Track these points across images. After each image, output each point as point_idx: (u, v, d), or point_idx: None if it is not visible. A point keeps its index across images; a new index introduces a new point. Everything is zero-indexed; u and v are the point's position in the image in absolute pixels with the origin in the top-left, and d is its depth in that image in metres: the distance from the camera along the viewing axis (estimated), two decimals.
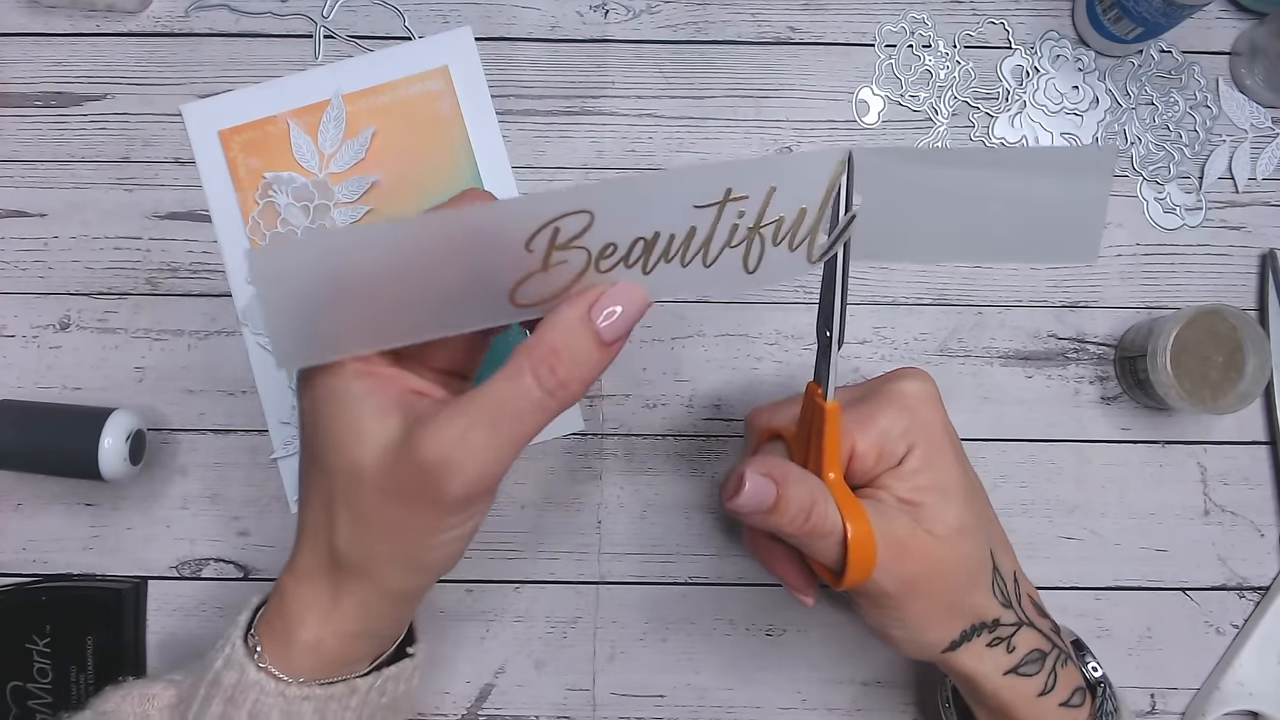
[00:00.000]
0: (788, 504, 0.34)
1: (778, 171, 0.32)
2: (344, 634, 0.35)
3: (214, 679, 0.35)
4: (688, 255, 0.32)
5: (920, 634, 0.38)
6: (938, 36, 0.55)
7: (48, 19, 0.54)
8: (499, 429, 0.31)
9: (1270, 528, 0.52)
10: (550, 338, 0.31)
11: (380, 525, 0.32)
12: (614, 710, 0.51)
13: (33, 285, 0.52)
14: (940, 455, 0.38)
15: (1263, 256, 0.54)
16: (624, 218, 0.31)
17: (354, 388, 0.32)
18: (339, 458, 0.32)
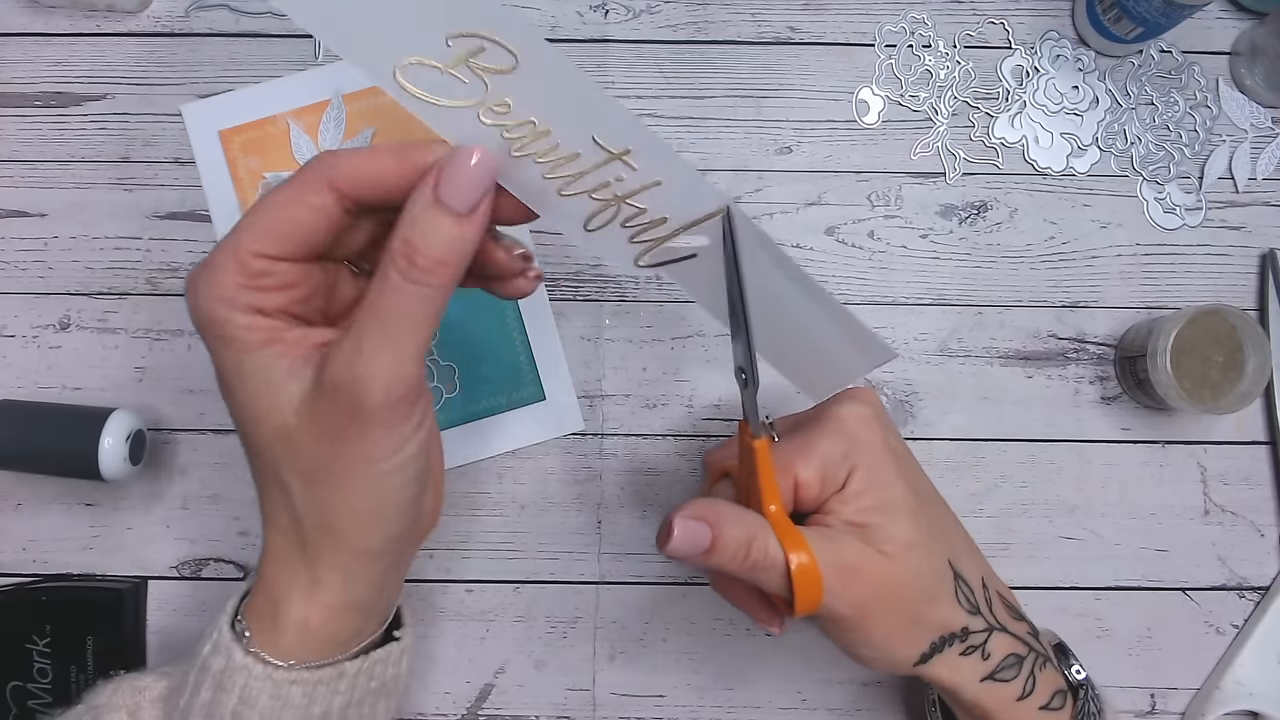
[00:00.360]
0: (725, 543, 0.35)
1: (674, 173, 0.33)
2: (329, 608, 0.35)
3: (202, 665, 0.35)
4: (552, 171, 0.32)
5: (888, 651, 0.38)
6: (938, 36, 0.55)
7: (48, 19, 0.54)
8: (388, 331, 0.31)
9: (1270, 528, 0.52)
10: (402, 231, 0.31)
11: (325, 471, 0.32)
12: (614, 710, 0.51)
13: (33, 285, 0.52)
14: (882, 474, 0.38)
15: (1263, 256, 0.54)
16: (539, 91, 0.31)
17: (259, 359, 0.32)
18: (266, 428, 0.33)
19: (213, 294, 0.32)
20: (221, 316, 0.32)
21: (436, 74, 0.30)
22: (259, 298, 0.32)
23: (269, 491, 0.34)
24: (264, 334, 0.32)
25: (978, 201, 0.54)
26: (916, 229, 0.54)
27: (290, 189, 0.32)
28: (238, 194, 0.52)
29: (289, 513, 0.34)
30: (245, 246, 0.32)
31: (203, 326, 0.33)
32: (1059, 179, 0.54)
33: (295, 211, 0.32)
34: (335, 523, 0.33)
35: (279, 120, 0.53)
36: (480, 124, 0.31)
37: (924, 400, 0.53)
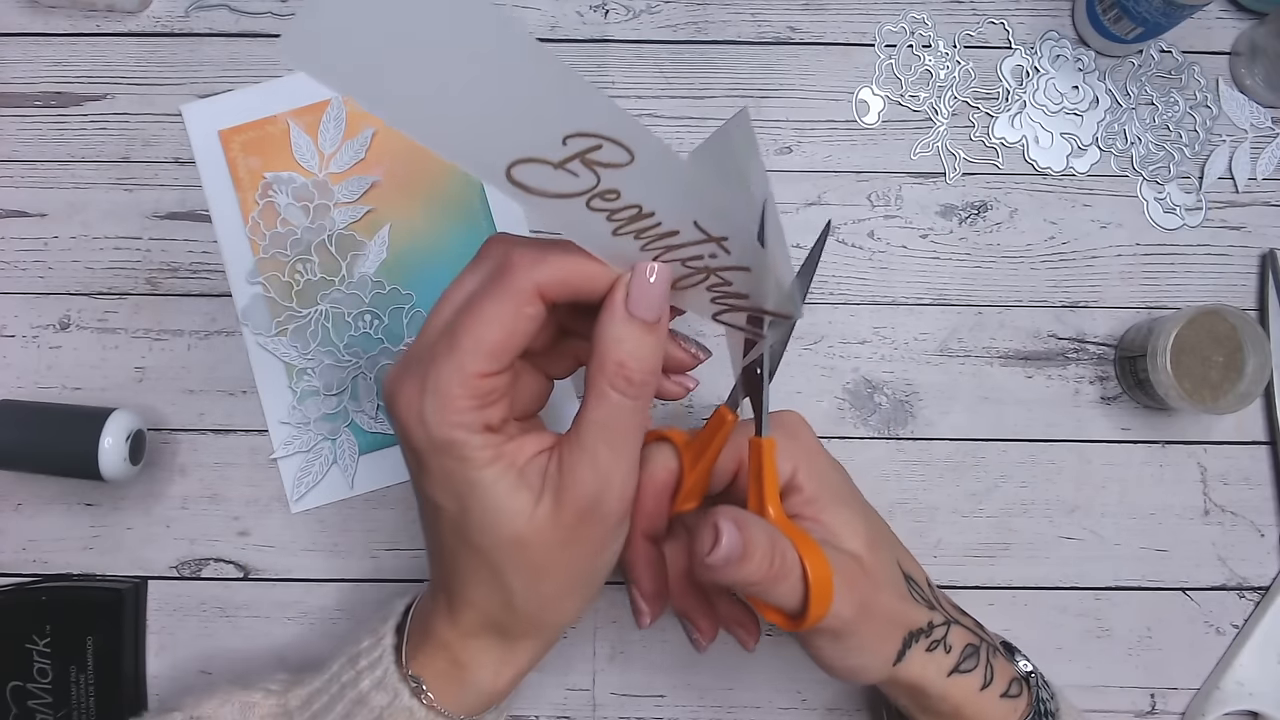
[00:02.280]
0: (753, 550, 0.34)
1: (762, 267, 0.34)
2: (519, 673, 0.38)
3: (359, 697, 0.37)
4: (654, 244, 0.33)
5: (873, 656, 0.38)
6: (938, 36, 0.55)
7: (48, 19, 0.54)
8: (615, 447, 0.34)
9: (1270, 528, 0.52)
10: (611, 353, 0.33)
11: (556, 570, 0.35)
12: (614, 710, 0.51)
13: (33, 285, 0.52)
14: (827, 471, 0.40)
15: (1263, 256, 0.54)
16: (651, 184, 0.31)
17: (488, 474, 0.33)
18: (494, 537, 0.34)
19: (449, 419, 0.33)
20: (460, 439, 0.33)
21: (548, 171, 0.30)
22: (487, 415, 0.33)
23: (479, 583, 0.36)
24: (493, 451, 0.34)
25: (978, 201, 0.54)
26: (916, 229, 0.54)
27: (505, 303, 0.33)
28: (238, 194, 0.52)
29: (502, 603, 0.36)
30: (473, 370, 0.32)
31: (436, 447, 0.33)
32: (1059, 179, 0.54)
33: (515, 326, 0.33)
34: (549, 608, 0.36)
35: (279, 120, 0.53)
36: (590, 211, 0.32)
37: (924, 400, 0.53)
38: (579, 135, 0.29)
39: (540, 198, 0.31)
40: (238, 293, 0.52)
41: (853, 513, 0.39)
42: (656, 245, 0.33)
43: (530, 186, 0.31)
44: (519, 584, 0.35)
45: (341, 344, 0.52)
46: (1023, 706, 0.40)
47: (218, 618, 0.51)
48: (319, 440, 0.51)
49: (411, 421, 0.33)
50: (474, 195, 0.53)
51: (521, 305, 0.33)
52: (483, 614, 0.36)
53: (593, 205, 0.32)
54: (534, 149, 0.30)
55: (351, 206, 0.52)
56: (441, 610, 0.37)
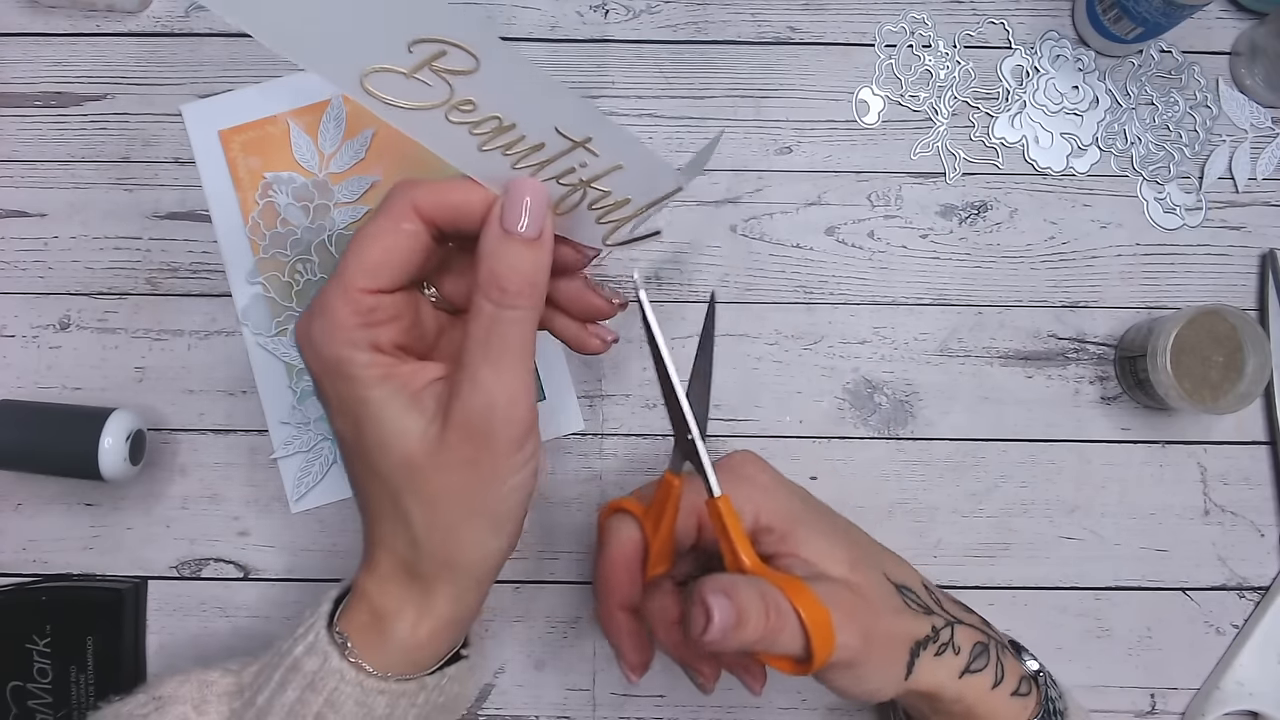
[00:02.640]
0: (748, 613, 0.33)
1: (633, 156, 0.34)
2: (437, 625, 0.36)
3: (293, 664, 0.36)
4: (520, 162, 0.34)
5: (885, 676, 0.38)
6: (938, 36, 0.55)
7: (48, 19, 0.54)
8: (495, 362, 0.33)
9: (1270, 528, 0.52)
10: (486, 266, 0.33)
11: (451, 499, 0.34)
12: (614, 710, 0.51)
13: (33, 285, 0.52)
14: (789, 504, 0.40)
15: (1263, 256, 0.54)
16: (501, 89, 0.32)
17: (380, 393, 0.34)
18: (389, 457, 0.34)
19: (333, 337, 0.34)
20: (345, 356, 0.34)
21: (401, 79, 0.31)
22: (373, 334, 0.34)
23: (384, 517, 0.36)
24: (382, 370, 0.34)
25: (978, 201, 0.54)
26: (916, 229, 0.54)
27: (381, 220, 0.34)
28: (238, 194, 0.52)
29: (406, 536, 0.35)
30: (354, 285, 0.33)
31: (326, 368, 0.34)
32: (1059, 179, 0.54)
33: (392, 241, 0.34)
34: (455, 546, 0.35)
35: (279, 120, 0.53)
36: (448, 124, 0.32)
37: (924, 400, 0.53)
38: (422, 41, 0.30)
39: (399, 110, 0.32)
40: (238, 293, 0.52)
41: (828, 539, 0.39)
42: (527, 163, 0.34)
43: (385, 98, 0.31)
44: (416, 511, 0.34)
45: None
46: (1032, 705, 0.40)
47: (218, 618, 0.51)
48: (319, 440, 0.51)
49: (304, 345, 0.34)
50: None
51: (398, 222, 0.34)
52: (392, 552, 0.36)
53: (451, 118, 0.32)
54: (383, 57, 0.30)
55: (351, 206, 0.52)
56: (364, 559, 0.37)
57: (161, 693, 0.38)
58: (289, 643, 0.37)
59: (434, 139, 0.33)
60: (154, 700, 0.38)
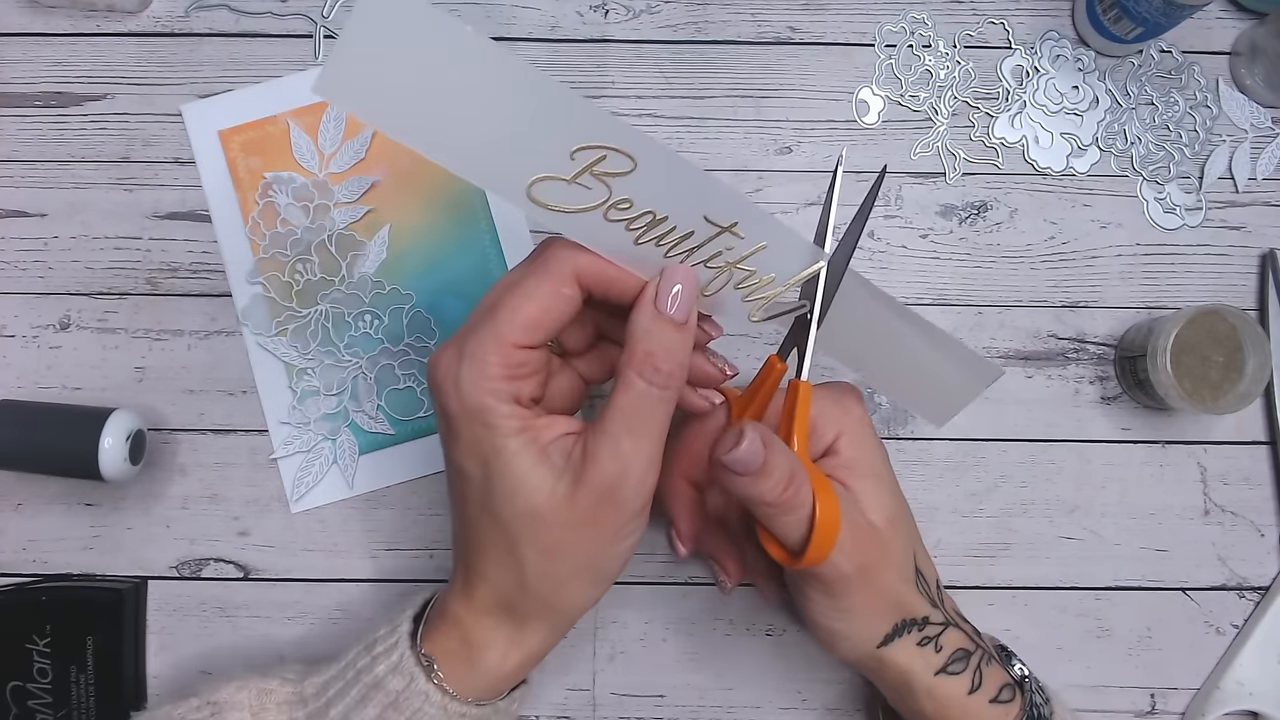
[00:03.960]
0: (772, 469, 0.35)
1: (777, 236, 0.36)
2: (528, 658, 0.38)
3: (375, 682, 0.37)
4: (671, 251, 0.36)
5: (861, 626, 0.39)
6: (938, 36, 0.55)
7: (48, 19, 0.54)
8: (637, 434, 0.35)
9: (1270, 528, 0.52)
10: (641, 345, 0.35)
11: (568, 552, 0.36)
12: (614, 710, 0.51)
13: (33, 285, 0.52)
14: (868, 446, 0.41)
15: (1263, 256, 0.54)
16: (656, 185, 0.34)
17: (513, 444, 0.35)
18: (512, 507, 0.35)
19: (481, 386, 0.35)
20: (489, 405, 0.35)
21: (563, 186, 0.33)
22: (516, 387, 0.35)
23: (492, 557, 0.37)
24: (520, 422, 0.35)
25: (978, 201, 0.54)
26: (916, 229, 0.54)
27: (543, 281, 0.35)
28: (238, 194, 0.52)
29: (514, 579, 0.37)
30: (509, 338, 0.35)
31: (467, 411, 0.35)
32: (1059, 179, 0.54)
33: (551, 303, 0.35)
34: (561, 594, 0.37)
35: (279, 120, 0.53)
36: (606, 222, 0.35)
37: None
38: (584, 149, 0.32)
39: (562, 214, 0.34)
40: (238, 293, 0.52)
41: (883, 489, 0.40)
42: (678, 251, 0.36)
43: (550, 204, 0.34)
44: (532, 559, 0.36)
45: (341, 344, 0.52)
46: (1015, 711, 0.40)
47: (218, 618, 0.51)
48: (319, 440, 0.51)
49: (448, 386, 0.35)
50: (474, 195, 0.53)
51: (559, 285, 0.35)
52: (496, 590, 0.37)
53: (610, 216, 0.34)
54: (547, 166, 0.33)
55: (351, 206, 0.52)
56: (458, 586, 0.38)
57: (218, 699, 0.38)
58: (367, 659, 0.38)
59: (594, 238, 0.35)
60: (209, 705, 0.38)
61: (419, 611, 0.40)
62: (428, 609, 0.40)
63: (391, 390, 0.51)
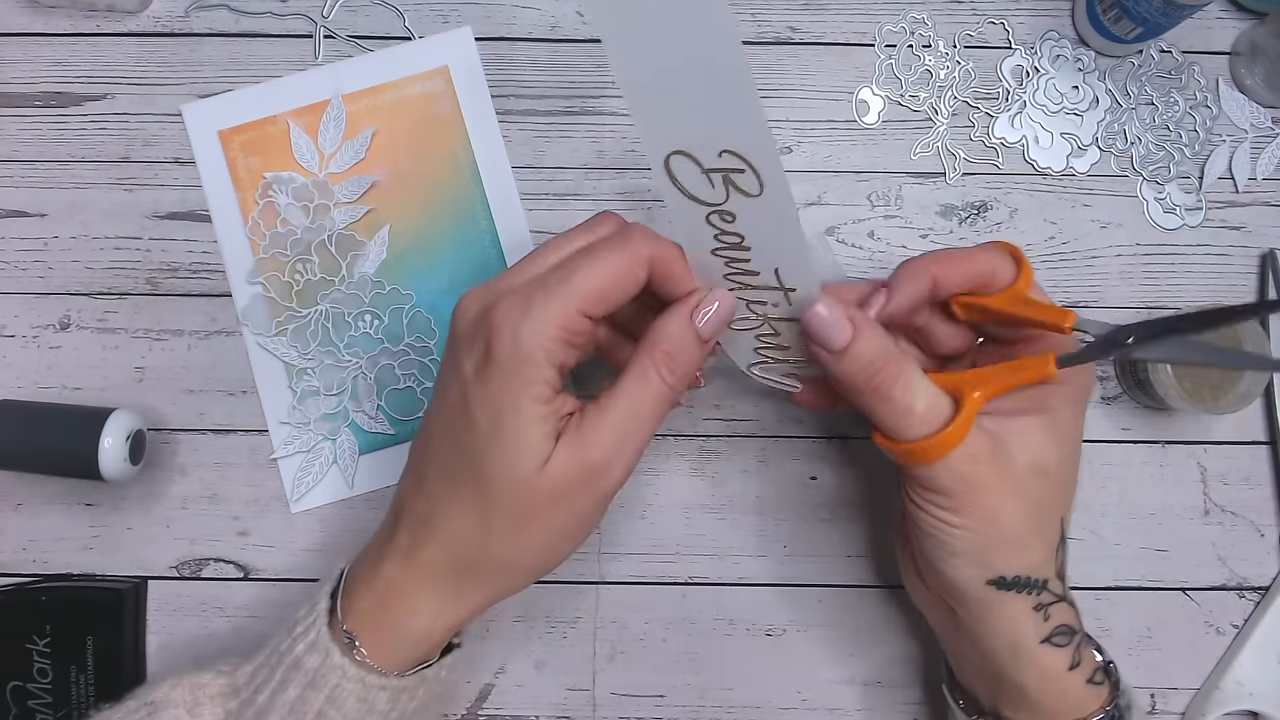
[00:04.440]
0: (857, 354, 0.36)
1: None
2: (454, 625, 0.38)
3: (294, 662, 0.36)
4: (735, 275, 0.38)
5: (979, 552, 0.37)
6: (938, 36, 0.55)
7: (48, 19, 0.54)
8: (639, 423, 0.36)
9: (1270, 528, 0.52)
10: (665, 344, 0.37)
11: (540, 523, 0.36)
12: (614, 710, 0.51)
13: (33, 285, 0.52)
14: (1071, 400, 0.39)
15: (1263, 256, 0.54)
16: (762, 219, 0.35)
17: (538, 409, 0.35)
18: (504, 468, 0.35)
19: (539, 339, 0.34)
20: (538, 361, 0.35)
21: (695, 171, 0.34)
22: (565, 354, 0.35)
23: (462, 516, 0.36)
24: (551, 389, 0.35)
25: (978, 201, 0.54)
26: (916, 229, 0.54)
27: (623, 258, 0.36)
28: (238, 194, 0.52)
29: (476, 541, 0.36)
30: (580, 302, 0.35)
31: (515, 361, 0.34)
32: (1059, 179, 0.54)
33: (624, 282, 0.36)
34: (519, 560, 0.37)
35: (279, 120, 0.53)
36: (705, 222, 0.36)
37: None
38: (732, 153, 0.34)
39: (679, 194, 0.35)
40: (238, 293, 0.52)
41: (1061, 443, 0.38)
42: (737, 279, 0.38)
43: (677, 179, 0.35)
44: (501, 524, 0.36)
45: (341, 344, 0.52)
46: (1105, 694, 0.40)
47: (218, 618, 0.51)
48: (319, 440, 0.51)
49: (505, 330, 0.34)
50: (474, 195, 0.53)
51: (634, 266, 0.36)
52: (449, 550, 0.36)
53: (710, 219, 0.36)
54: (695, 146, 0.34)
55: (351, 206, 0.52)
56: (398, 546, 0.37)
57: (153, 698, 0.38)
58: (287, 641, 0.37)
59: (686, 228, 0.37)
60: (146, 706, 0.38)
61: (335, 586, 0.39)
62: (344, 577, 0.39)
63: (391, 390, 0.51)
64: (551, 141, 0.54)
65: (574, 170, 0.53)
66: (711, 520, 0.52)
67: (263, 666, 0.38)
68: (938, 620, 0.43)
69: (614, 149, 0.53)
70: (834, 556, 0.52)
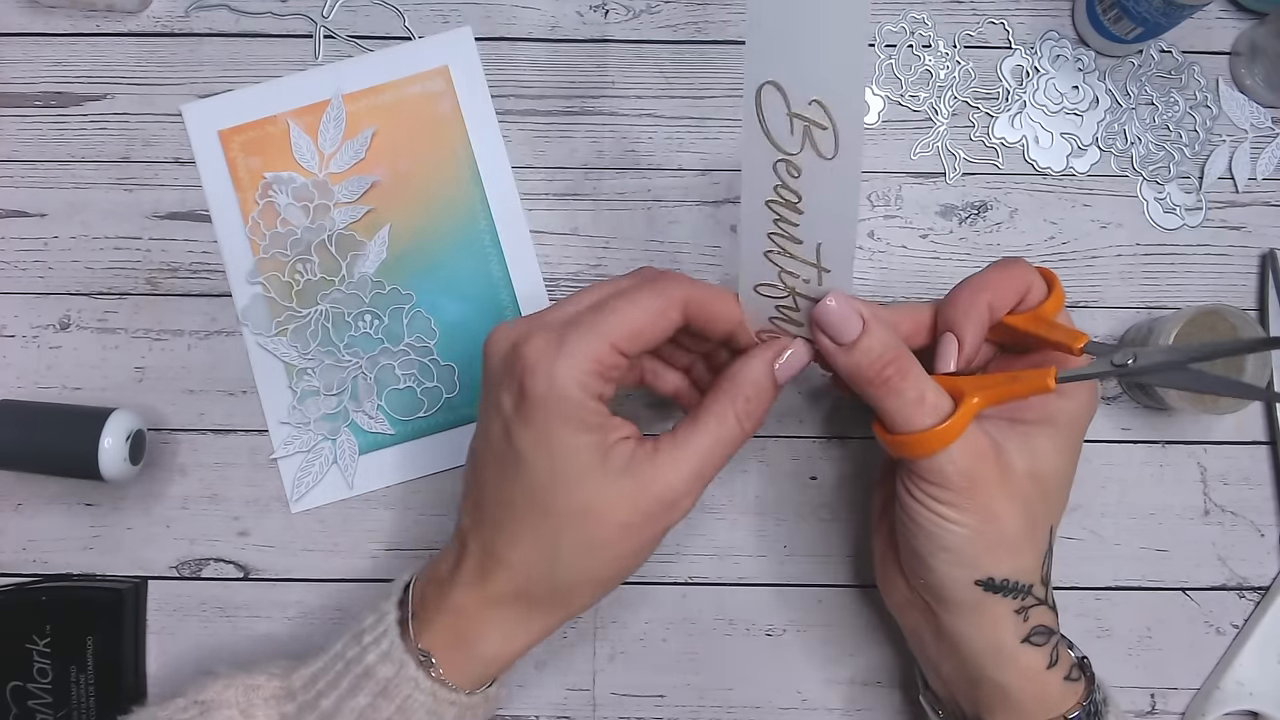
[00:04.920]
0: (866, 348, 0.37)
1: None
2: (523, 649, 0.39)
3: (365, 670, 0.37)
4: (777, 237, 0.37)
5: (972, 550, 0.37)
6: (938, 36, 0.55)
7: (48, 19, 0.54)
8: (709, 461, 0.37)
9: (1270, 528, 0.52)
10: (747, 389, 0.38)
11: (610, 551, 0.37)
12: (614, 710, 0.51)
13: (33, 285, 0.52)
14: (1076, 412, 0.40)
15: (1263, 256, 0.54)
16: (824, 184, 0.35)
17: (587, 440, 0.36)
18: (570, 500, 0.36)
19: (575, 377, 0.36)
20: (575, 398, 0.36)
21: (781, 108, 0.34)
22: (602, 387, 0.37)
23: (532, 546, 0.37)
24: (598, 419, 0.36)
25: (978, 201, 0.54)
26: (916, 229, 0.54)
27: (656, 301, 0.37)
28: (238, 194, 0.52)
29: (546, 570, 0.37)
30: (614, 341, 0.36)
31: (554, 400, 0.36)
32: (1059, 179, 0.54)
33: (657, 322, 0.37)
34: (587, 586, 0.38)
35: (279, 120, 0.53)
36: (770, 169, 0.35)
37: None
38: (820, 104, 0.33)
39: (758, 128, 0.34)
40: (238, 293, 0.52)
41: (1060, 454, 0.39)
42: (779, 239, 0.37)
43: (763, 111, 0.34)
44: (570, 553, 0.37)
45: (341, 344, 0.52)
46: (1081, 690, 0.40)
47: (218, 618, 0.51)
48: (319, 440, 0.51)
49: (540, 369, 0.36)
50: (474, 195, 0.53)
51: (667, 307, 0.37)
52: (519, 579, 0.37)
53: (777, 168, 0.35)
54: (791, 81, 0.33)
55: (351, 206, 0.52)
56: (468, 572, 0.38)
57: (204, 697, 0.38)
58: (356, 649, 0.38)
59: (752, 170, 0.36)
60: (197, 705, 0.38)
61: (402, 596, 0.40)
62: (410, 592, 0.40)
63: (391, 390, 0.51)
64: (551, 141, 0.54)
65: (574, 170, 0.53)
66: (711, 520, 0.52)
67: (325, 671, 0.38)
68: (914, 624, 0.43)
69: (614, 149, 0.53)
70: (834, 556, 0.52)
